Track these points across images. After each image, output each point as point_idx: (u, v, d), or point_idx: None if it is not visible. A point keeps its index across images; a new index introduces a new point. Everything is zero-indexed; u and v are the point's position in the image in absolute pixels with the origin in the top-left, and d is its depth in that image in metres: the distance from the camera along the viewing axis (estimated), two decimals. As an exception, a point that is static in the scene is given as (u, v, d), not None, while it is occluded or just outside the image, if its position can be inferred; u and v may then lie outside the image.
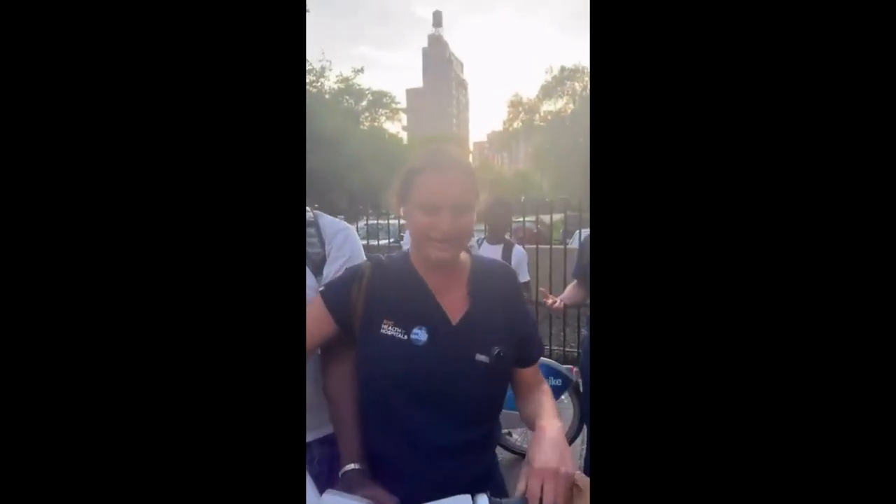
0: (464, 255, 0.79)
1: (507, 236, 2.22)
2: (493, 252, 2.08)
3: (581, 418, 2.10)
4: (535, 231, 4.40)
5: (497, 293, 0.77)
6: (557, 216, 5.08)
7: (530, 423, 0.74)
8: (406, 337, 0.72)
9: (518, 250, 2.13)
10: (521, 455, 2.24)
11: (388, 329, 0.72)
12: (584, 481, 0.61)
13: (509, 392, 0.80)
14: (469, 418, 0.73)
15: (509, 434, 2.26)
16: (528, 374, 0.81)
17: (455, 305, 0.75)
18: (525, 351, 0.79)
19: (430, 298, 0.75)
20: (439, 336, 0.73)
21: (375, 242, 4.37)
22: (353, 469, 0.69)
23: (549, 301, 1.83)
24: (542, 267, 3.34)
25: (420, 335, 0.72)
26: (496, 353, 0.72)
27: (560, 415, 0.73)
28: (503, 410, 0.77)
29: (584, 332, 1.95)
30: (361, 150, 17.15)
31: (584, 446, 1.96)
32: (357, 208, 5.83)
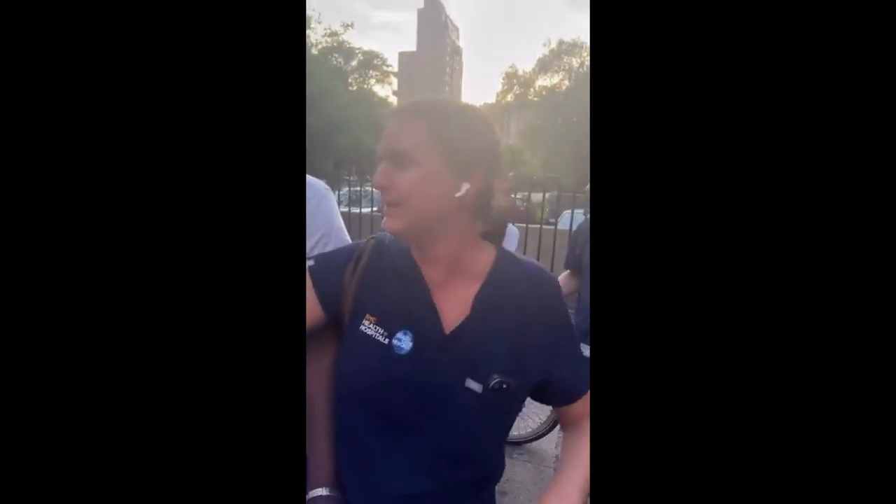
0: (487, 248, 0.60)
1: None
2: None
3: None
4: (523, 209, 4.29)
5: (521, 304, 0.58)
6: (547, 195, 4.99)
7: (560, 465, 0.60)
8: (387, 340, 0.56)
9: (511, 229, 2.04)
10: (510, 444, 2.15)
11: (368, 327, 0.56)
12: None
13: None
14: (449, 461, 0.56)
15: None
16: (572, 409, 0.63)
17: (457, 309, 0.57)
18: (564, 385, 0.60)
19: (423, 295, 0.57)
20: (426, 345, 0.56)
21: (357, 210, 4.17)
22: (320, 496, 0.55)
23: None
24: (531, 248, 3.24)
25: (403, 341, 0.55)
26: (494, 382, 0.54)
27: (587, 466, 0.57)
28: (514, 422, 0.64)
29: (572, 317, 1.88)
30: (348, 113, 16.57)
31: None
32: (341, 174, 5.60)
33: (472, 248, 0.59)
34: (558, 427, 2.17)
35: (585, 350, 1.61)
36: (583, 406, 0.63)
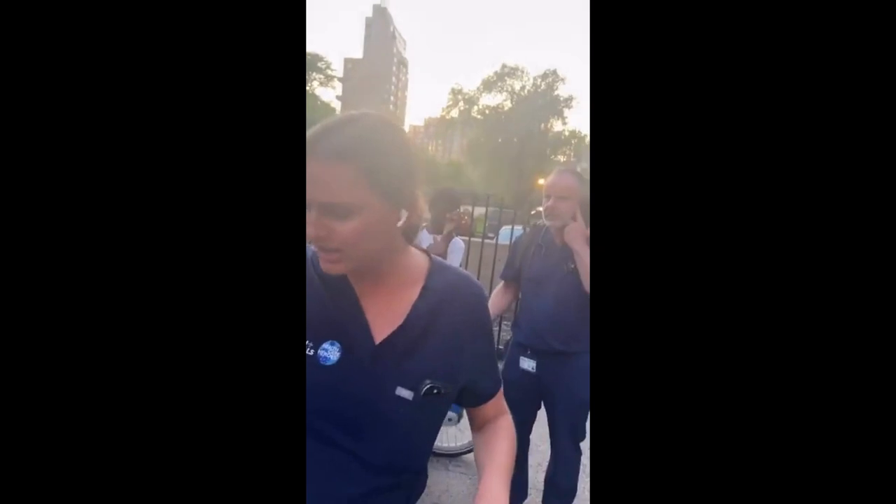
0: (420, 257, 0.62)
1: (449, 226, 2.13)
2: (431, 241, 1.99)
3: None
4: (465, 222, 4.39)
5: (453, 311, 0.59)
6: (483, 210, 5.15)
7: (478, 466, 0.61)
8: (312, 352, 0.55)
9: (457, 242, 2.06)
10: (447, 456, 2.18)
11: None
12: None
13: None
14: (379, 467, 0.57)
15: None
16: (483, 410, 0.66)
17: (387, 320, 0.57)
18: (480, 387, 0.64)
19: (352, 306, 0.57)
20: (354, 356, 0.55)
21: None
22: None
23: None
24: (472, 261, 3.31)
25: (329, 353, 0.55)
26: (426, 388, 0.55)
27: (510, 462, 0.60)
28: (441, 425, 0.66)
29: (507, 336, 1.94)
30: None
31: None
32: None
33: (404, 258, 0.59)
34: None
35: (524, 362, 1.68)
36: (493, 406, 0.66)
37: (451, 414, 1.81)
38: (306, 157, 0.48)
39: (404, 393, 0.55)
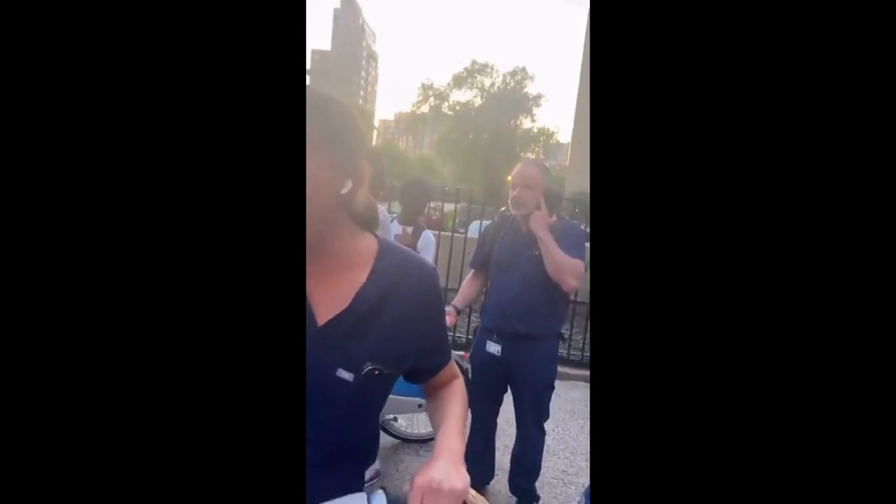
0: (369, 239, 0.62)
1: (420, 220, 2.15)
2: (400, 232, 2.01)
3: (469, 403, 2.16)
4: (436, 218, 4.44)
5: (402, 294, 0.60)
6: (457, 206, 5.19)
7: (434, 426, 0.66)
8: None
9: (427, 235, 2.06)
10: (404, 440, 2.23)
11: None
12: (480, 500, 0.56)
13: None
14: (325, 444, 0.58)
15: (394, 419, 2.24)
16: (434, 381, 0.70)
17: (332, 302, 0.57)
18: (430, 363, 0.66)
19: None
20: None
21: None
22: None
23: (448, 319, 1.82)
24: (442, 254, 3.37)
25: None
26: (367, 370, 0.56)
27: (463, 416, 0.65)
28: (389, 395, 0.69)
29: (476, 320, 1.99)
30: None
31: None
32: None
33: (352, 240, 0.59)
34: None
35: (491, 346, 1.74)
36: (445, 374, 0.69)
37: (420, 400, 1.86)
38: None
39: (345, 375, 0.56)
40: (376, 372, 0.58)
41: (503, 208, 2.12)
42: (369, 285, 0.59)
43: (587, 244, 1.70)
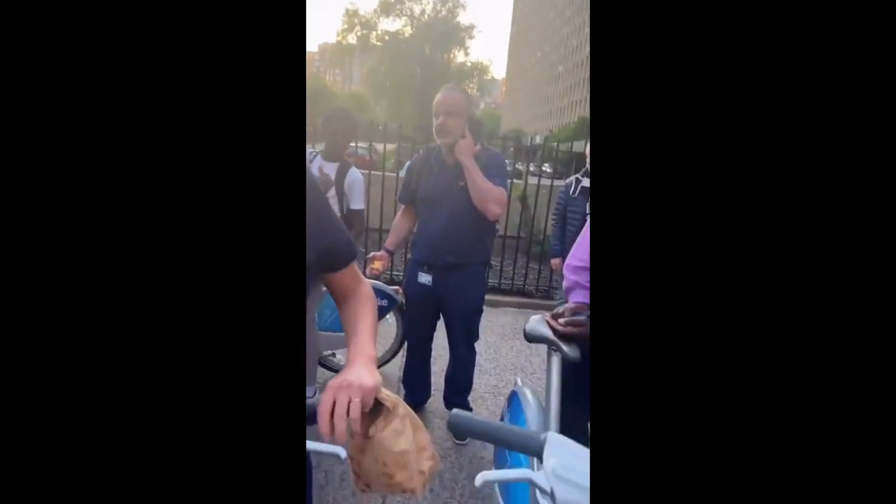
0: None
1: (345, 156, 2.05)
2: (327, 170, 1.90)
3: (402, 335, 2.27)
4: (368, 158, 4.29)
5: None
6: (391, 146, 5.04)
7: (347, 333, 0.71)
8: None
9: (354, 173, 1.96)
10: None
11: None
12: (393, 400, 0.60)
13: (334, 313, 0.75)
14: None
15: (332, 355, 2.31)
16: (340, 278, 0.75)
17: None
18: (330, 254, 0.72)
19: None
20: None
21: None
22: None
23: (377, 264, 1.83)
24: (374, 194, 3.32)
25: None
26: None
27: (374, 323, 0.71)
28: (325, 332, 0.73)
29: (409, 256, 2.03)
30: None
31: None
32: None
33: None
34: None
35: (422, 277, 1.80)
36: (350, 275, 0.75)
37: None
38: None
39: None
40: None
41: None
42: None
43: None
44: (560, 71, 50.72)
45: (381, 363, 2.31)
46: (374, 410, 0.59)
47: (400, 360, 2.28)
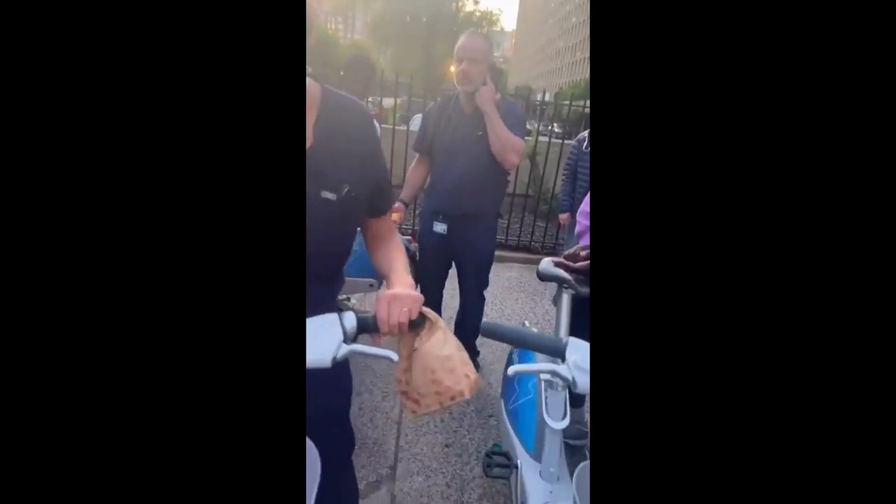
0: (313, 86, 0.71)
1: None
2: None
3: (416, 282, 2.36)
4: (376, 112, 4.26)
5: (348, 131, 0.72)
6: (400, 100, 4.96)
7: (383, 276, 0.78)
8: None
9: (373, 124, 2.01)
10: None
11: None
12: (434, 315, 0.67)
13: (351, 259, 0.84)
14: (312, 257, 0.67)
15: (347, 299, 2.43)
16: (379, 224, 0.82)
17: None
18: (377, 198, 0.78)
19: None
20: None
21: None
22: None
23: (394, 216, 1.81)
24: (385, 148, 3.33)
25: None
26: (345, 191, 0.70)
27: (407, 263, 0.79)
28: (344, 277, 0.83)
29: (421, 206, 2.07)
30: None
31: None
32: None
33: None
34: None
35: (437, 226, 1.84)
36: (386, 224, 0.83)
37: (371, 280, 2.01)
38: None
39: (329, 195, 0.69)
40: (353, 193, 0.71)
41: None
42: (322, 122, 0.70)
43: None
44: (574, 23, 48.19)
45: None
46: (417, 325, 0.66)
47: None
